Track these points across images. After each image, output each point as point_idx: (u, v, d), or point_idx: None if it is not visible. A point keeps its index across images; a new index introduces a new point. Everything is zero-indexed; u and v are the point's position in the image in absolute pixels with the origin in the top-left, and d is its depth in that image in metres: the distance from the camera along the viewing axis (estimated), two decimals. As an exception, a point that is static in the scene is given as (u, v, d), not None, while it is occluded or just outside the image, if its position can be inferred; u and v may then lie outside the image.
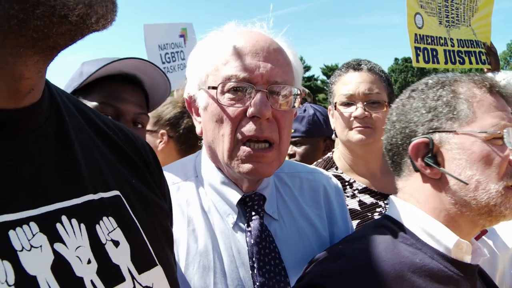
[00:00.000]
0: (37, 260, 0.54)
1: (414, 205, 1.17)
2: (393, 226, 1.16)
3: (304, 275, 1.11)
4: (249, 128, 1.11)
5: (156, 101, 1.69)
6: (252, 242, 1.16)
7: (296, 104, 1.19)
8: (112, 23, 0.57)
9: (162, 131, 2.38)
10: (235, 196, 1.21)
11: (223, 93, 1.12)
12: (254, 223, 1.18)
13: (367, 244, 1.10)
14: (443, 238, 1.09)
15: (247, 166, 1.13)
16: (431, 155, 1.12)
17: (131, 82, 1.53)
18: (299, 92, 1.19)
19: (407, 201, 1.19)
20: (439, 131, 1.12)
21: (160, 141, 2.34)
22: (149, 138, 2.35)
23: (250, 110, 1.10)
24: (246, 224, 1.19)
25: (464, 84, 1.16)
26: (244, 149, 1.12)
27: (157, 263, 0.74)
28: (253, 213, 1.20)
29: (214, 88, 1.13)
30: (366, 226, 1.31)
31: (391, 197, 1.26)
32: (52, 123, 0.66)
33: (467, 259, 1.11)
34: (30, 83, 0.59)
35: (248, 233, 1.17)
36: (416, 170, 1.16)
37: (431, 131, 1.13)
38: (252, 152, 1.12)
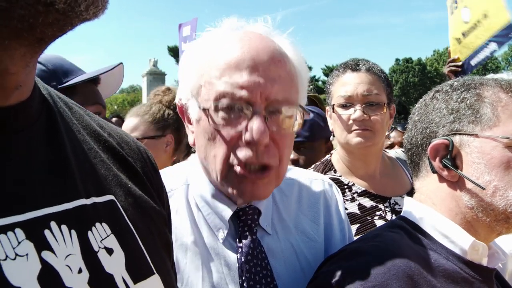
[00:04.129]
0: (22, 270, 0.50)
1: (430, 206, 1.14)
2: (407, 227, 1.14)
3: (318, 275, 1.07)
4: (244, 154, 1.01)
5: (108, 93, 1.97)
6: (243, 260, 1.08)
7: (296, 126, 1.07)
8: (104, 11, 0.53)
9: None
10: (227, 210, 1.12)
11: (216, 110, 1.01)
12: (246, 239, 1.11)
13: (382, 242, 1.07)
14: (459, 239, 1.07)
15: (241, 189, 1.05)
16: (449, 157, 1.10)
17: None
18: (301, 113, 1.07)
19: (423, 202, 1.17)
20: (460, 134, 1.10)
21: None
22: None
23: (246, 136, 1.00)
24: (237, 240, 1.12)
25: (490, 88, 1.12)
26: (238, 171, 1.03)
27: (155, 271, 0.69)
28: (246, 228, 1.13)
29: (205, 110, 1.02)
30: (380, 226, 1.28)
31: (406, 198, 1.23)
32: (42, 124, 0.62)
33: (484, 261, 1.08)
34: (17, 78, 0.54)
35: (239, 249, 1.10)
36: (434, 171, 1.14)
37: (452, 133, 1.11)
38: (247, 175, 1.03)
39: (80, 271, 0.56)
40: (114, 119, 6.21)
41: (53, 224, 0.56)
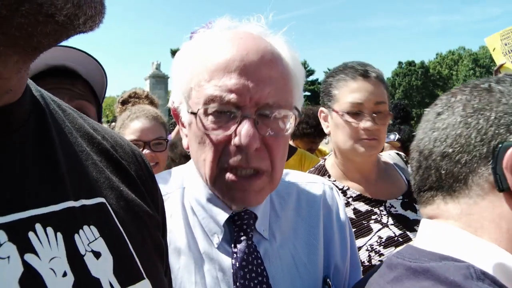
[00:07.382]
0: (3, 273, 0.49)
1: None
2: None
3: None
4: (234, 158, 0.99)
5: (98, 90, 1.60)
6: (237, 266, 1.05)
7: (290, 130, 1.03)
8: (99, 26, 0.54)
9: None
10: (222, 214, 1.10)
11: (206, 114, 0.99)
12: (241, 244, 1.08)
13: None
14: None
15: (232, 195, 1.02)
16: None
17: (69, 74, 1.45)
18: (293, 116, 1.04)
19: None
20: None
21: None
22: None
23: (235, 140, 0.97)
24: (232, 245, 1.09)
25: None
26: (228, 177, 1.00)
27: (144, 276, 0.68)
28: (241, 233, 1.10)
29: (194, 113, 1.01)
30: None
31: (449, 227, 0.86)
32: (32, 125, 0.62)
33: None
34: (8, 83, 0.54)
35: (234, 254, 1.07)
36: (502, 189, 0.79)
37: None
38: (237, 180, 1.00)
39: (64, 274, 0.55)
40: (113, 124, 6.20)
41: (38, 226, 0.54)
